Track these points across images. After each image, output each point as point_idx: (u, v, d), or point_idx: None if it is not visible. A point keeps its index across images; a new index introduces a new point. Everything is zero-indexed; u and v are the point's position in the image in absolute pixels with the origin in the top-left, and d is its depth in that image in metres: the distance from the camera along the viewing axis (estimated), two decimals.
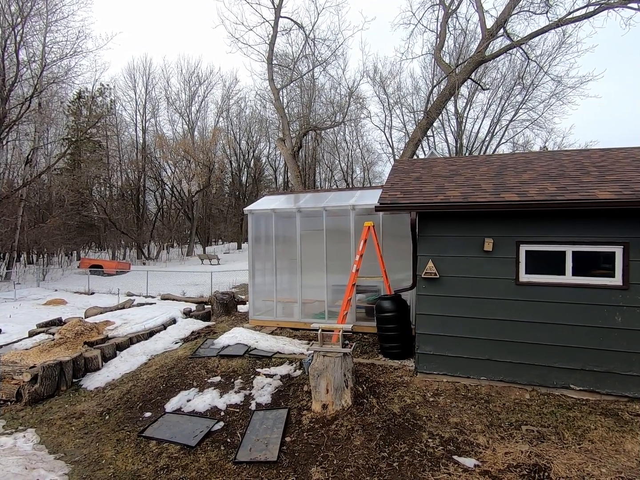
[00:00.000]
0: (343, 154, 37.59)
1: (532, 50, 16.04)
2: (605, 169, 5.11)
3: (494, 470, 3.31)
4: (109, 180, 35.26)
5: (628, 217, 4.31)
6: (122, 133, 35.76)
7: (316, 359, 4.51)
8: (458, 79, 13.15)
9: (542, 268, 4.68)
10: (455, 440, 3.76)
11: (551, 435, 3.76)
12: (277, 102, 17.33)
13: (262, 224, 8.09)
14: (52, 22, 18.66)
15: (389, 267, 6.45)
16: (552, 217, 4.58)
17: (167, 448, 4.03)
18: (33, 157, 22.08)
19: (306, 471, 3.48)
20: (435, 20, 14.79)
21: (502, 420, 4.06)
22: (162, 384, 5.51)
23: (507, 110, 25.78)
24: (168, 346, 7.02)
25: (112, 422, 4.70)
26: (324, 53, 19.01)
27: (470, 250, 4.89)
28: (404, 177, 6.01)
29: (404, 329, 5.77)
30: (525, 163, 5.87)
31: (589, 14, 11.52)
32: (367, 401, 4.51)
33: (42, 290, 16.53)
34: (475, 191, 4.93)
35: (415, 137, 14.66)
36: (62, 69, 19.26)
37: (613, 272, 4.41)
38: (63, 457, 4.08)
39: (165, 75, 46.02)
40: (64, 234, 24.76)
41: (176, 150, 33.64)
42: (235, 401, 4.87)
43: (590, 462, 3.34)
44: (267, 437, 4.02)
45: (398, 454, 3.60)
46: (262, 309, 8.07)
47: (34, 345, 6.88)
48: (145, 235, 34.06)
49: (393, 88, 29.06)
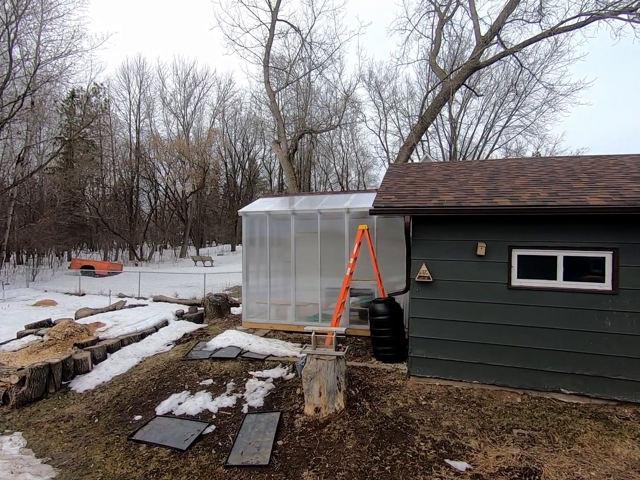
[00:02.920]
0: (338, 157, 37.77)
1: (525, 58, 16.33)
2: (596, 176, 5.20)
3: (485, 473, 3.32)
4: (102, 180, 34.91)
5: (618, 223, 4.38)
6: (116, 133, 35.48)
7: (309, 362, 4.50)
8: (452, 84, 13.28)
9: (533, 273, 4.74)
10: (447, 443, 3.76)
11: (542, 438, 3.78)
12: (272, 105, 17.34)
13: (256, 226, 8.07)
14: (47, 20, 18.48)
15: (382, 270, 6.47)
16: (544, 222, 4.64)
17: (158, 452, 3.98)
18: (25, 156, 21.79)
19: (298, 475, 3.46)
20: (431, 27, 14.94)
21: (494, 423, 4.08)
22: (153, 387, 5.44)
23: (500, 116, 26.14)
24: (160, 348, 6.95)
25: (101, 426, 4.63)
26: (321, 57, 19.02)
27: (464, 254, 4.93)
28: (399, 181, 6.05)
29: (397, 332, 5.79)
30: (518, 169, 5.94)
31: (581, 24, 11.71)
32: (360, 404, 4.50)
33: (32, 291, 16.26)
34: (469, 196, 4.98)
35: (410, 142, 14.76)
36: (57, 68, 19.09)
37: (603, 277, 4.48)
38: (50, 461, 4.01)
39: (161, 76, 45.81)
40: (55, 234, 24.39)
41: (171, 151, 33.45)
42: (228, 404, 4.83)
43: (580, 465, 3.37)
44: (259, 441, 3.99)
45: (390, 458, 3.60)
46: (256, 311, 8.03)
47: (22, 346, 6.76)
48: (138, 236, 33.74)
49: (388, 92, 29.34)
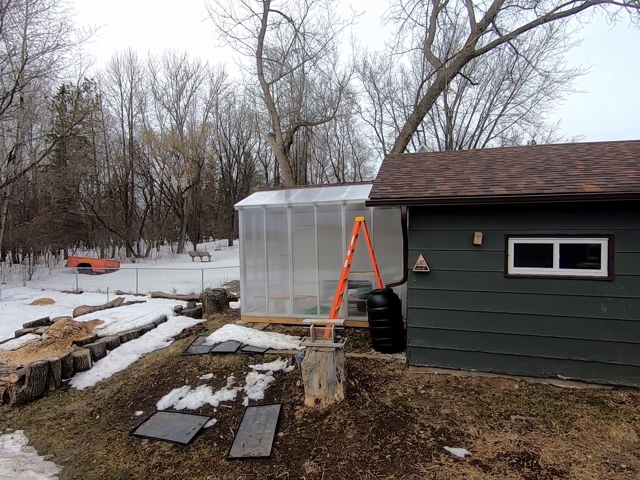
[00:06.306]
0: (334, 149, 37.49)
1: (520, 45, 16.18)
2: (592, 163, 5.19)
3: (484, 459, 3.37)
4: (96, 177, 34.52)
5: (613, 209, 4.40)
6: (109, 129, 34.99)
7: (308, 354, 4.52)
8: (448, 73, 13.17)
9: (530, 261, 4.76)
10: (446, 431, 3.81)
11: (539, 424, 3.84)
12: (267, 97, 17.14)
13: (253, 220, 8.04)
14: (32, 13, 18.00)
15: (380, 261, 6.48)
16: (540, 210, 4.64)
17: (159, 446, 4.00)
18: (16, 154, 21.50)
19: (299, 465, 3.50)
20: (425, 15, 14.82)
21: (492, 410, 4.13)
22: (153, 382, 5.46)
23: (495, 105, 25.98)
24: (159, 344, 6.96)
25: (102, 422, 4.65)
26: (314, 47, 18.89)
27: (460, 244, 4.93)
28: (395, 171, 6.02)
29: (395, 323, 5.82)
30: (514, 157, 5.93)
31: (576, 9, 11.62)
32: (360, 395, 4.54)
33: (29, 290, 16.16)
34: (465, 185, 4.97)
35: (406, 132, 14.68)
36: (45, 63, 18.67)
37: (599, 263, 4.50)
38: (53, 457, 4.03)
39: (152, 70, 45.08)
40: (50, 232, 24.18)
41: (165, 146, 33.06)
42: (228, 398, 4.86)
43: (576, 449, 3.43)
44: (260, 433, 4.02)
45: (390, 446, 3.64)
46: (254, 305, 8.04)
47: (21, 345, 6.75)
48: (134, 232, 33.54)
49: (383, 83, 29.12)
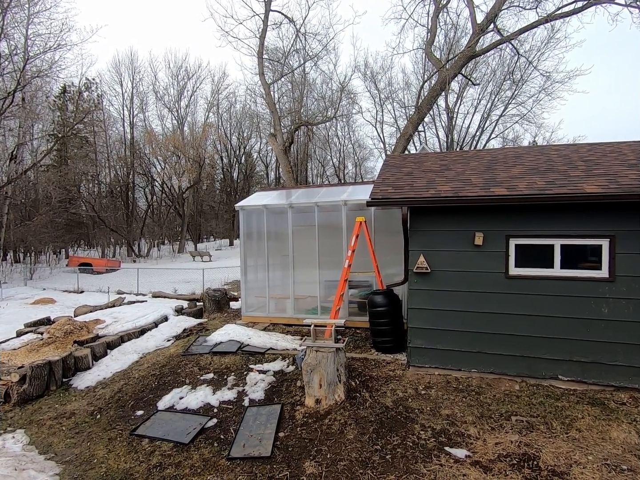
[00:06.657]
0: (335, 150, 37.48)
1: (522, 45, 16.17)
2: (593, 163, 5.18)
3: (484, 460, 3.36)
4: (97, 176, 34.58)
5: (614, 210, 4.39)
6: (110, 129, 35.05)
7: (309, 355, 4.52)
8: (449, 74, 13.17)
9: (531, 261, 4.75)
10: (446, 431, 3.81)
11: (540, 425, 3.83)
12: (268, 97, 17.15)
13: (253, 220, 8.04)
14: (34, 13, 18.05)
15: (380, 262, 6.48)
16: (541, 211, 4.63)
17: (160, 446, 4.01)
18: (18, 153, 21.53)
19: (300, 466, 3.50)
20: (426, 15, 14.77)
21: (493, 411, 4.12)
22: (154, 382, 5.47)
23: (497, 105, 25.96)
24: (160, 344, 6.96)
25: (103, 421, 4.66)
26: (315, 47, 18.88)
27: (461, 244, 4.93)
28: (396, 172, 6.02)
29: (396, 324, 5.81)
30: (515, 158, 5.92)
31: (578, 10, 11.61)
32: (360, 395, 4.54)
33: (30, 290, 16.21)
34: (466, 186, 4.96)
35: (407, 132, 14.68)
36: (47, 63, 18.71)
37: (600, 264, 4.49)
38: (54, 457, 4.03)
39: (153, 69, 45.26)
40: (51, 232, 24.23)
41: (166, 145, 33.11)
42: (229, 398, 4.86)
43: (577, 450, 3.42)
44: (261, 433, 4.03)
45: (391, 447, 3.64)
46: (255, 305, 8.05)
47: (22, 345, 6.76)
48: (135, 232, 33.59)
49: (384, 83, 28.97)
